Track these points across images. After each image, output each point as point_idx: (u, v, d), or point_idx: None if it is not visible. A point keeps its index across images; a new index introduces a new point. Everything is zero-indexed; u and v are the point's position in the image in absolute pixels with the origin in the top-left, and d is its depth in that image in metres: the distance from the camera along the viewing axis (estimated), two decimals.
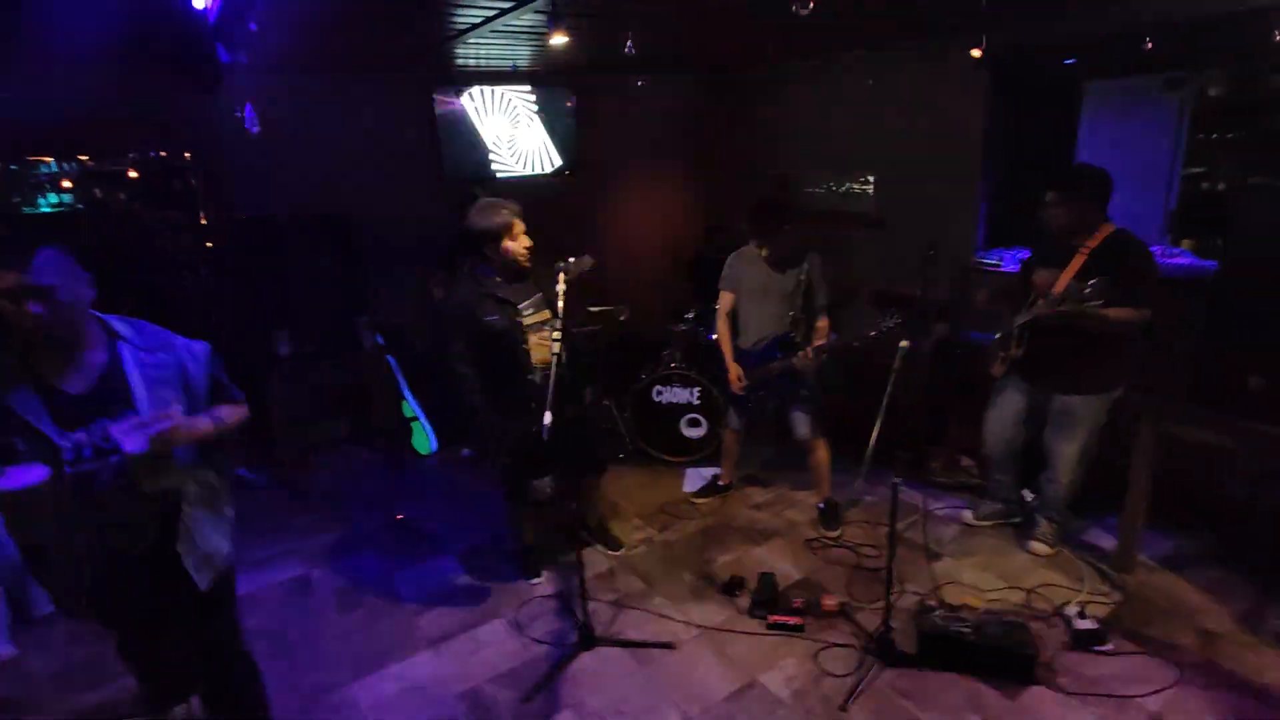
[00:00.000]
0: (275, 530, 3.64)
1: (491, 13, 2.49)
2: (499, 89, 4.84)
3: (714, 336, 3.51)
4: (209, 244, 3.87)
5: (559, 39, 2.21)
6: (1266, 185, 2.51)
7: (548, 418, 2.15)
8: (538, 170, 5.17)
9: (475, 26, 2.68)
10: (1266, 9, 2.84)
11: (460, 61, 3.99)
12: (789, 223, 3.02)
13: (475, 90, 4.74)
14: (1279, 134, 3.31)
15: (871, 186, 4.75)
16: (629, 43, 2.35)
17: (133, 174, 4.16)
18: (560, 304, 2.36)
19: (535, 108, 5.07)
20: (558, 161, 5.27)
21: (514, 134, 5.02)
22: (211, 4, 1.98)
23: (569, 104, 5.20)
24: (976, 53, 3.24)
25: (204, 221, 3.85)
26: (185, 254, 3.57)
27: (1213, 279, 2.87)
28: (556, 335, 2.30)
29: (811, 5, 1.83)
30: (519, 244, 2.53)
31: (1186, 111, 3.74)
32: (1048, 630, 2.57)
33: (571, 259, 3.91)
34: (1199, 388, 2.66)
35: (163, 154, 3.64)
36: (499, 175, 4.99)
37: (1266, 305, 2.45)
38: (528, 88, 4.97)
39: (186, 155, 3.75)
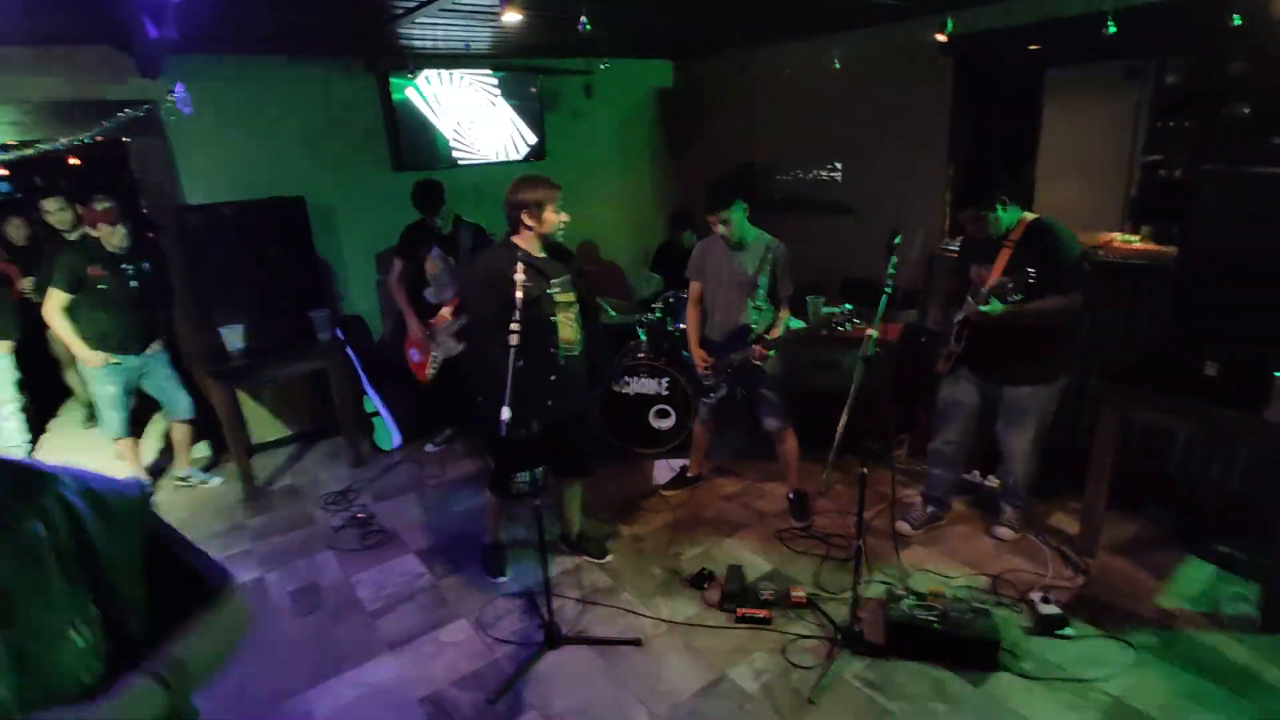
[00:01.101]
0: (229, 531, 3.51)
1: None
2: (459, 73, 4.70)
3: (683, 325, 3.46)
4: (150, 234, 3.68)
5: (512, 16, 2.12)
6: (1219, 171, 2.52)
7: (505, 413, 2.08)
8: (503, 157, 5.05)
9: (423, 5, 2.56)
10: None
11: (418, 44, 3.85)
12: (739, 197, 2.96)
13: (434, 74, 4.58)
14: (1235, 121, 3.35)
15: (840, 174, 4.74)
16: (582, 19, 2.26)
17: (73, 161, 3.96)
18: (517, 294, 2.28)
19: (499, 93, 4.93)
20: (524, 148, 5.15)
21: (476, 120, 4.88)
22: None
23: (533, 89, 5.08)
24: (941, 36, 3.21)
25: (144, 211, 3.66)
26: (128, 245, 3.38)
27: (1171, 266, 2.90)
28: (515, 328, 2.21)
29: None
30: (554, 218, 2.50)
31: (1145, 100, 3.78)
32: (1014, 616, 2.59)
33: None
34: (1159, 373, 2.68)
35: (99, 139, 3.43)
36: (460, 162, 4.86)
37: (1221, 292, 2.47)
38: (489, 72, 4.83)
39: (125, 140, 3.55)
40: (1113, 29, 2.69)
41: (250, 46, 3.74)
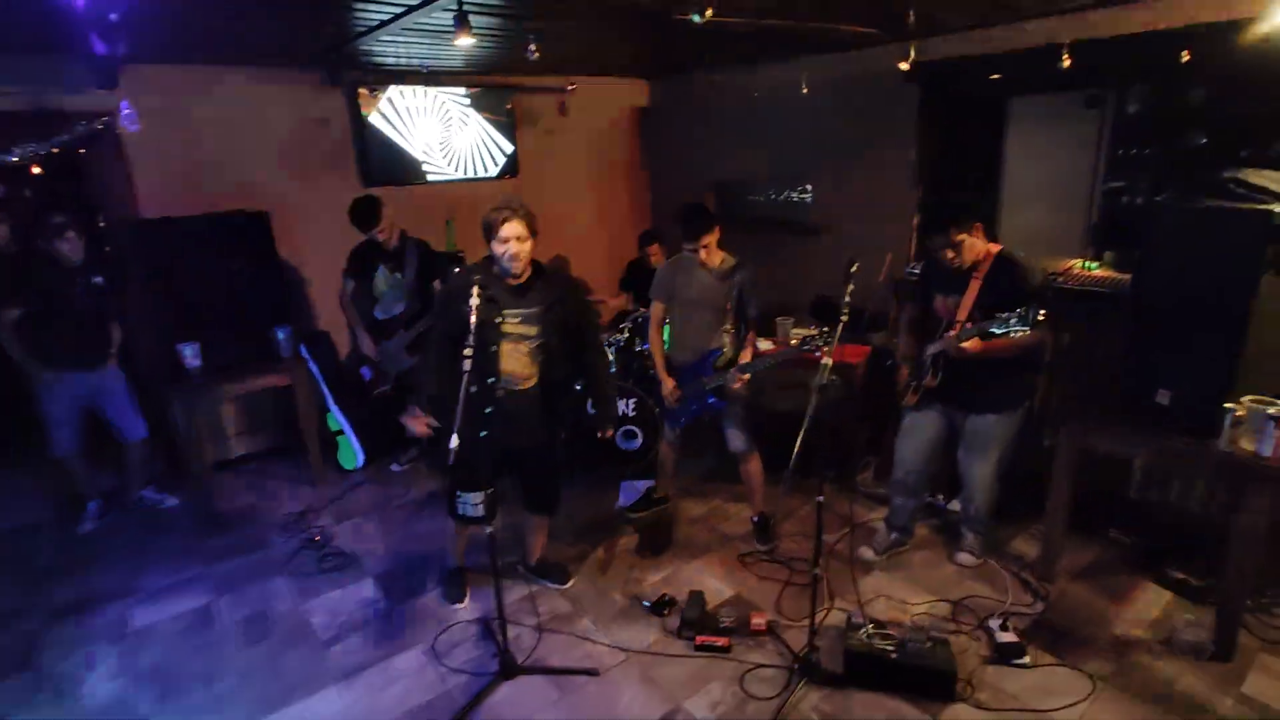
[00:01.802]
0: (181, 555, 3.41)
1: (400, 10, 2.36)
2: (431, 90, 4.68)
3: (648, 346, 3.44)
4: (106, 248, 3.60)
5: (465, 40, 2.10)
6: (1171, 204, 2.56)
7: (453, 441, 2.03)
8: (475, 174, 5.02)
9: (385, 23, 2.54)
10: (1175, 31, 2.93)
11: (388, 61, 3.82)
12: (715, 226, 2.95)
13: (405, 90, 4.56)
14: (1193, 151, 3.42)
15: (810, 195, 4.77)
16: (531, 48, 2.26)
17: (35, 170, 3.86)
18: (472, 318, 2.24)
19: (471, 110, 4.92)
20: (497, 165, 5.13)
21: (448, 136, 4.86)
22: None
23: (508, 106, 5.07)
24: (905, 65, 3.25)
25: (101, 225, 3.58)
26: (82, 259, 3.30)
27: (1128, 293, 2.93)
28: (467, 353, 2.17)
29: (709, 14, 1.77)
30: (503, 247, 2.39)
31: (1107, 128, 3.85)
32: (972, 644, 2.57)
33: None
34: (1115, 401, 2.70)
35: (54, 150, 3.35)
36: (431, 178, 4.83)
37: (1173, 322, 2.50)
38: (462, 90, 4.82)
39: (81, 152, 3.47)
40: (1066, 63, 2.73)
41: (213, 59, 3.70)
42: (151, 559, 3.38)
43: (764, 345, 3.87)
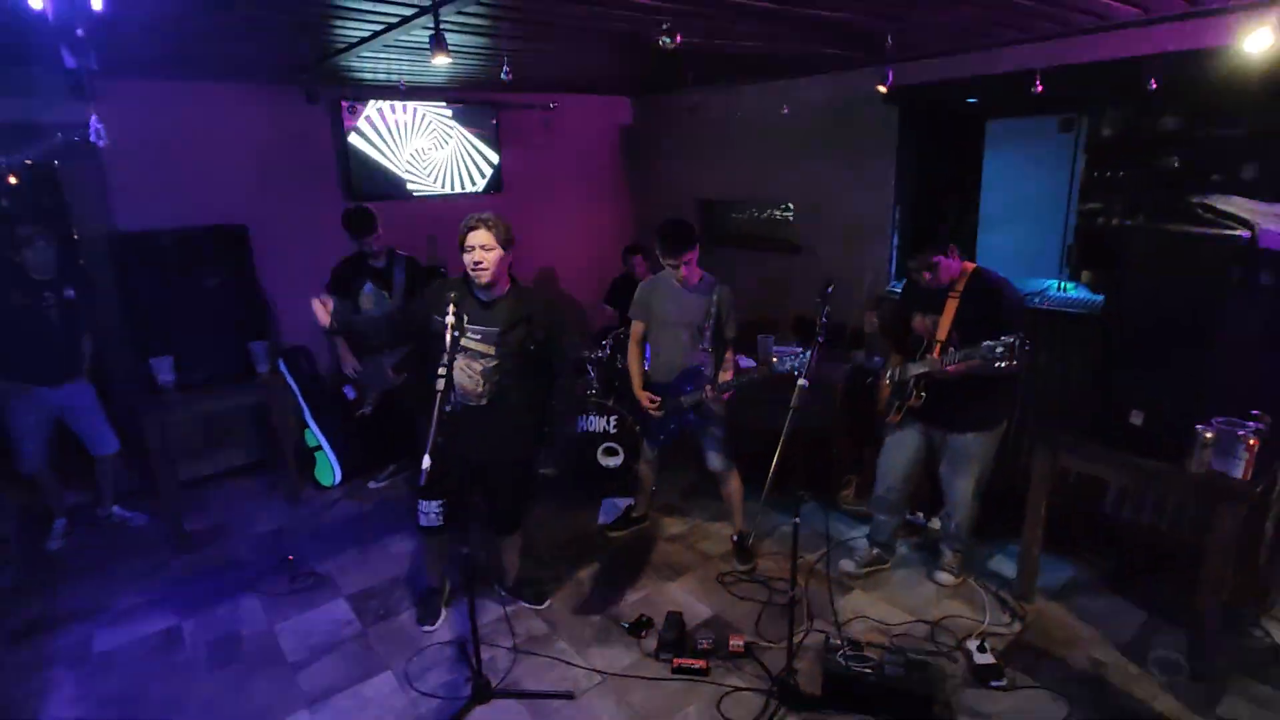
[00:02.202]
0: (149, 575, 3.33)
1: (379, 27, 2.36)
2: (415, 105, 4.68)
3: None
4: (80, 261, 3.55)
5: (441, 60, 2.11)
6: (1142, 228, 2.61)
7: (426, 461, 2.00)
8: (459, 189, 5.02)
9: (364, 40, 2.54)
10: (1143, 58, 2.99)
11: (368, 76, 3.82)
12: (696, 244, 2.96)
13: (387, 105, 4.56)
14: (1166, 173, 3.49)
15: (792, 214, 4.81)
16: (505, 68, 2.27)
17: (13, 180, 3.81)
18: (448, 336, 2.22)
19: (455, 125, 4.92)
20: (481, 181, 5.13)
21: (432, 152, 4.86)
22: (48, 6, 1.78)
23: (493, 122, 5.08)
24: (883, 88, 3.30)
25: (75, 236, 3.53)
26: (53, 271, 3.25)
27: (1101, 315, 2.97)
28: (441, 371, 2.15)
29: (679, 40, 1.79)
30: (469, 256, 2.40)
31: (1081, 150, 3.92)
32: (950, 665, 2.56)
33: None
34: (1090, 421, 2.72)
35: (28, 162, 3.31)
36: (415, 194, 4.81)
37: (1145, 343, 2.53)
38: (444, 105, 4.82)
39: (55, 163, 3.43)
40: (1039, 89, 2.78)
41: (193, 74, 3.68)
42: (118, 578, 3.30)
43: (745, 363, 3.88)
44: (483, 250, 2.39)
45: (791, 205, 4.78)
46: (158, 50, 2.75)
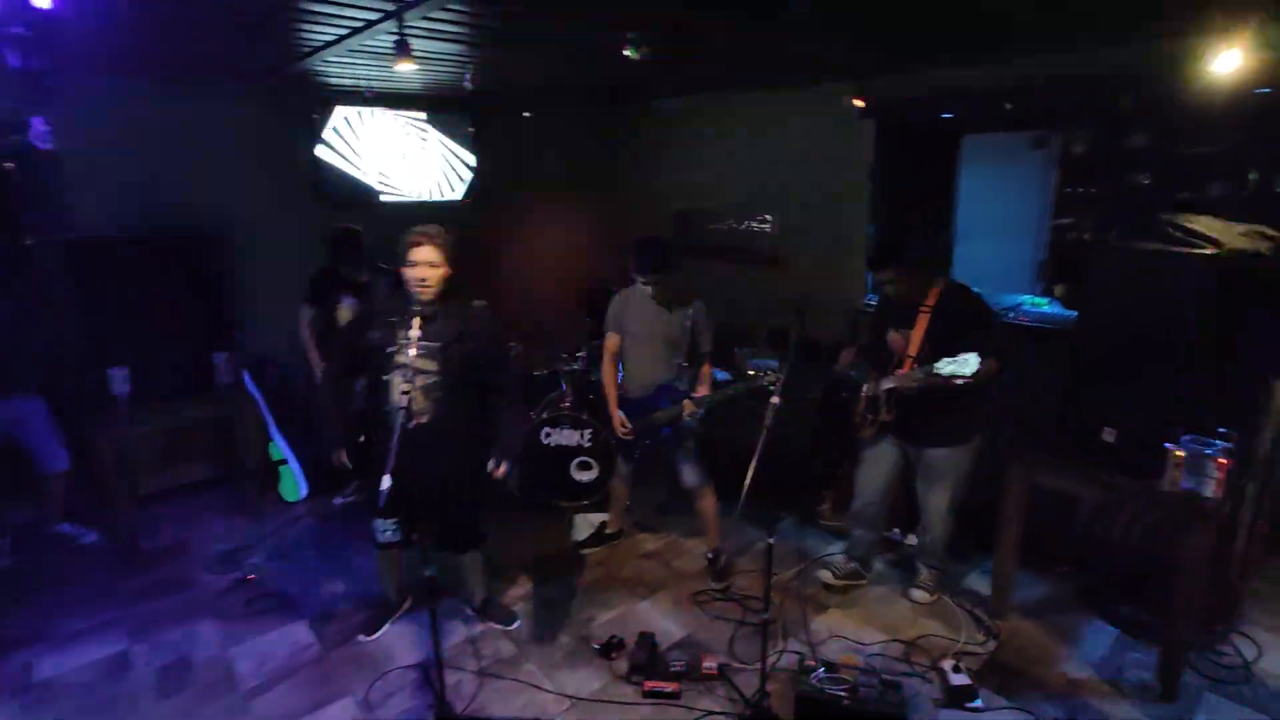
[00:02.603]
0: (99, 596, 3.18)
1: (344, 31, 2.29)
2: (388, 111, 4.60)
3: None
4: (31, 269, 3.40)
5: (406, 66, 2.05)
6: (1111, 245, 2.62)
7: (385, 481, 1.93)
8: (433, 198, 4.94)
9: (330, 44, 2.47)
10: (1112, 75, 3.02)
11: (334, 80, 3.73)
12: (674, 261, 2.91)
13: (360, 111, 4.47)
14: (1136, 190, 3.53)
15: (769, 226, 4.79)
16: (467, 77, 2.22)
17: None
18: (412, 351, 2.15)
19: (430, 132, 4.85)
20: (457, 189, 5.05)
21: (405, 159, 4.78)
22: None
23: (469, 130, 5.01)
24: (859, 102, 3.30)
25: (28, 242, 3.39)
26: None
27: (1073, 331, 2.98)
28: (404, 388, 2.08)
29: (645, 50, 1.76)
30: (412, 271, 2.34)
31: (1053, 166, 3.96)
32: (925, 686, 2.53)
33: None
34: (1062, 437, 2.72)
35: None
36: (387, 201, 4.72)
37: (1116, 360, 2.53)
38: (420, 112, 4.75)
39: (7, 166, 3.29)
40: (1010, 105, 2.79)
41: (154, 75, 3.57)
42: (65, 600, 3.15)
43: (721, 375, 3.84)
44: (429, 267, 2.33)
45: (769, 217, 4.77)
46: (114, 49, 2.65)
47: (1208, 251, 2.36)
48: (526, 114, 4.93)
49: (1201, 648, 2.65)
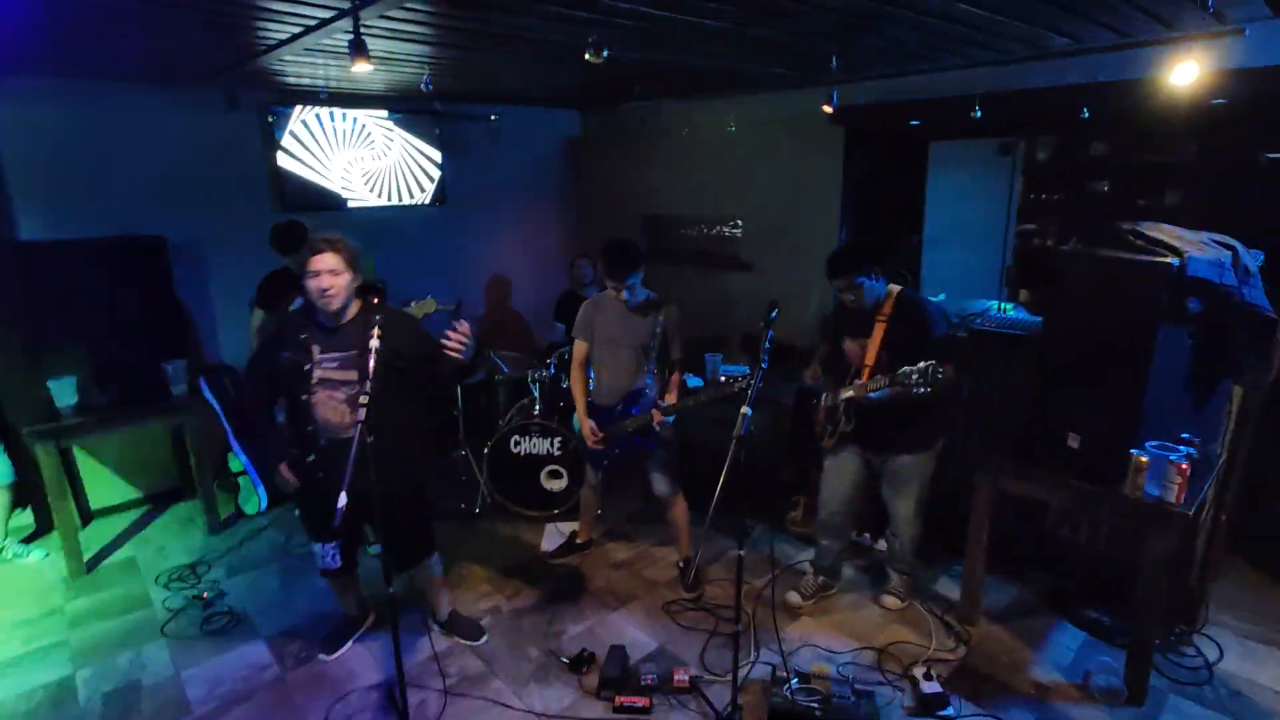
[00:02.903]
0: (43, 617, 3.03)
1: (297, 30, 2.21)
2: (353, 113, 4.49)
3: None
4: None
5: (362, 67, 1.98)
6: (1076, 253, 2.64)
7: (342, 499, 1.85)
8: (400, 201, 4.83)
9: (284, 43, 2.38)
10: (1078, 86, 3.07)
11: (292, 80, 3.62)
12: (641, 265, 2.87)
13: (323, 112, 4.36)
14: (1097, 197, 3.60)
15: (741, 231, 4.79)
16: (425, 78, 2.15)
17: None
18: (370, 361, 2.07)
19: (396, 135, 4.74)
20: (424, 192, 4.95)
21: (371, 162, 4.66)
22: None
23: (436, 132, 4.92)
24: (828, 108, 3.30)
25: None
26: None
27: (1038, 338, 3.01)
28: (364, 400, 2.00)
29: (606, 54, 1.72)
30: (314, 282, 2.22)
31: (1018, 173, 4.02)
32: (897, 694, 2.52)
33: (413, 302, 3.61)
34: (1028, 443, 2.74)
35: None
36: (351, 206, 4.61)
37: (1081, 366, 2.56)
38: (385, 114, 4.64)
39: None
40: (979, 113, 2.81)
41: (102, 74, 3.43)
42: (4, 624, 2.99)
43: (693, 381, 3.81)
44: (331, 275, 2.22)
45: (740, 222, 4.76)
46: (53, 48, 2.52)
47: (1170, 260, 2.39)
48: (494, 117, 4.86)
49: (1168, 649, 2.69)
